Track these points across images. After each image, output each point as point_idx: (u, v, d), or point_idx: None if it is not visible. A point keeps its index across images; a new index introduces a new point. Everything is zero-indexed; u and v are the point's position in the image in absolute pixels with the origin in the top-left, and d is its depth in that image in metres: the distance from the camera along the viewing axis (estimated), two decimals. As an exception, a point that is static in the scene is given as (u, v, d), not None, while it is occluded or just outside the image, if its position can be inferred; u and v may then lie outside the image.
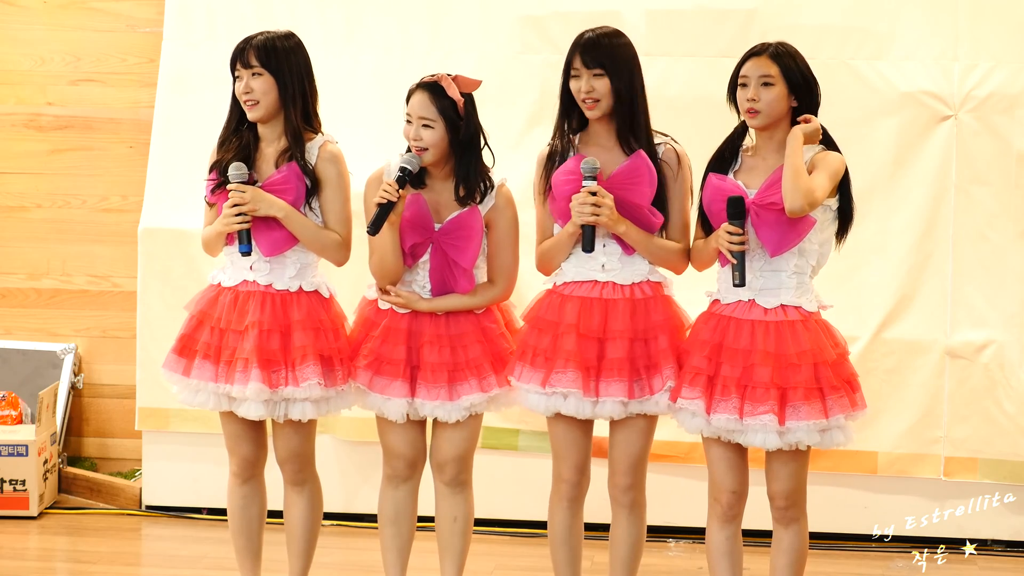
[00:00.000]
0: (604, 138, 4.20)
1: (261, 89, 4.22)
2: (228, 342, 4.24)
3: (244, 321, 4.23)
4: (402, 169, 4.16)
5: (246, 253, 4.21)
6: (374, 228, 4.14)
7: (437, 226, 4.24)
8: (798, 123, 4.06)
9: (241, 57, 4.22)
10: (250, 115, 4.24)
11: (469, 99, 4.24)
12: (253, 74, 4.21)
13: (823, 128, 4.10)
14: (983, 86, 5.46)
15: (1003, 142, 5.46)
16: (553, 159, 4.23)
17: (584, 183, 4.10)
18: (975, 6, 5.48)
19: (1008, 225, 5.47)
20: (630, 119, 4.16)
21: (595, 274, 4.20)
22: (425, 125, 4.19)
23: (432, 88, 4.20)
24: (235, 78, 4.25)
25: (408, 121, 4.22)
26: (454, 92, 4.19)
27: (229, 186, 4.19)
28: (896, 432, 5.48)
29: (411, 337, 4.26)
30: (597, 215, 4.08)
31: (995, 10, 5.48)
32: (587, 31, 4.19)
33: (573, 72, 4.16)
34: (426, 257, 4.26)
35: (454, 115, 4.19)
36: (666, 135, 4.23)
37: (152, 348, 5.68)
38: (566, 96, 4.20)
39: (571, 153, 4.20)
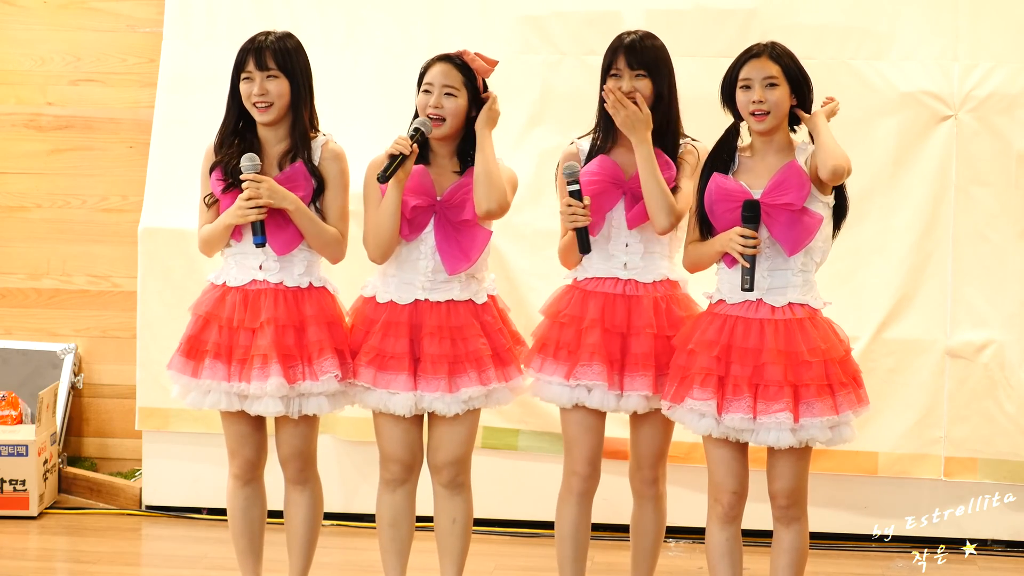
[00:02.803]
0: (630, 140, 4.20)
1: (276, 92, 4.21)
2: (239, 340, 4.23)
3: (257, 319, 4.22)
4: (416, 129, 4.18)
5: (260, 244, 4.19)
6: (384, 176, 4.14)
7: (439, 198, 4.25)
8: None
9: (257, 59, 4.19)
10: (261, 117, 4.22)
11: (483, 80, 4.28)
12: (268, 76, 4.20)
13: None
14: (983, 86, 5.46)
15: (1003, 142, 5.46)
16: (580, 158, 4.27)
17: (568, 188, 4.13)
18: (975, 6, 5.48)
19: (1008, 225, 5.47)
20: (666, 121, 4.20)
21: (617, 271, 4.24)
22: (448, 94, 4.19)
23: (454, 60, 4.22)
24: (243, 79, 4.21)
25: (427, 91, 4.21)
26: (479, 64, 4.21)
27: (243, 176, 4.17)
28: (896, 432, 5.48)
29: (412, 330, 4.26)
30: (576, 219, 4.12)
31: (995, 10, 5.48)
32: (626, 33, 4.22)
33: (614, 72, 4.18)
34: (429, 230, 4.24)
35: (475, 89, 4.22)
36: (687, 136, 4.27)
37: (152, 348, 5.68)
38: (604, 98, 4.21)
39: (600, 152, 4.23)
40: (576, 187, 4.13)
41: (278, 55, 4.20)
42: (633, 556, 4.38)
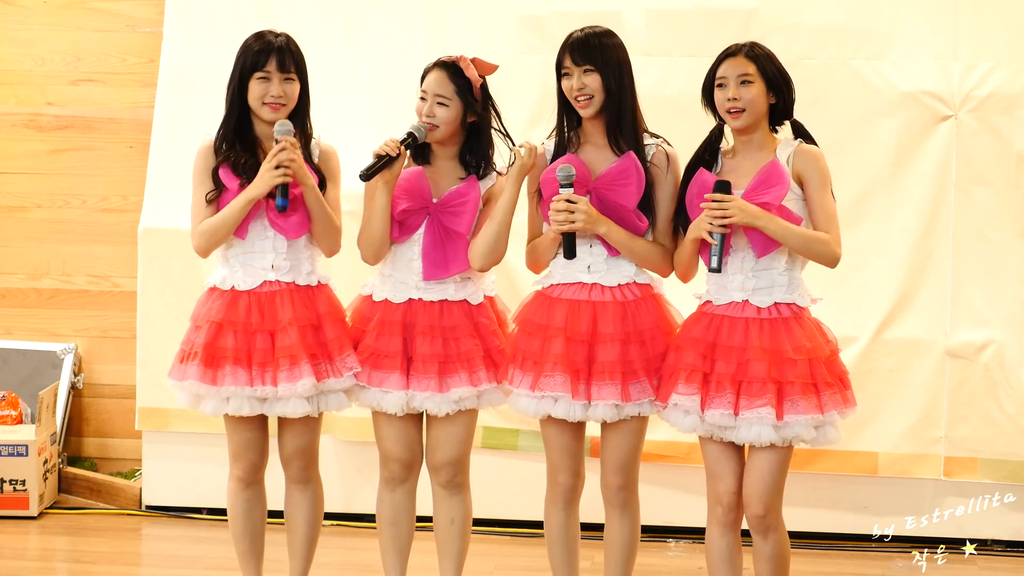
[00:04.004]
0: (596, 137, 4.20)
1: (291, 94, 4.23)
2: (257, 344, 4.22)
3: (274, 321, 4.22)
4: (409, 133, 4.19)
5: (282, 208, 4.16)
6: (366, 175, 4.15)
7: (435, 200, 4.25)
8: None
9: (280, 61, 4.20)
10: (273, 116, 4.23)
11: (484, 84, 4.26)
12: (286, 78, 4.22)
13: (797, 121, 4.10)
14: (983, 86, 5.46)
15: (1003, 142, 5.46)
16: (547, 158, 4.24)
17: (560, 190, 4.11)
18: (975, 6, 5.48)
19: (1008, 225, 5.47)
20: (618, 117, 4.15)
21: (581, 275, 4.19)
22: (440, 103, 4.21)
23: (450, 67, 4.22)
24: (259, 78, 4.21)
25: (422, 98, 4.23)
26: (472, 73, 4.22)
27: (279, 137, 4.15)
28: (896, 432, 5.48)
29: (406, 329, 4.26)
30: (572, 222, 4.08)
31: (995, 10, 5.48)
32: (576, 31, 4.19)
33: (564, 71, 4.17)
34: (420, 233, 4.25)
35: (469, 96, 4.22)
36: (657, 136, 4.23)
37: (152, 348, 5.68)
38: (561, 96, 4.21)
39: (567, 152, 4.21)
40: (570, 190, 4.12)
41: (296, 58, 4.24)
42: (605, 565, 4.31)
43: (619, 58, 4.16)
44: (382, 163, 4.15)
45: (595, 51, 4.13)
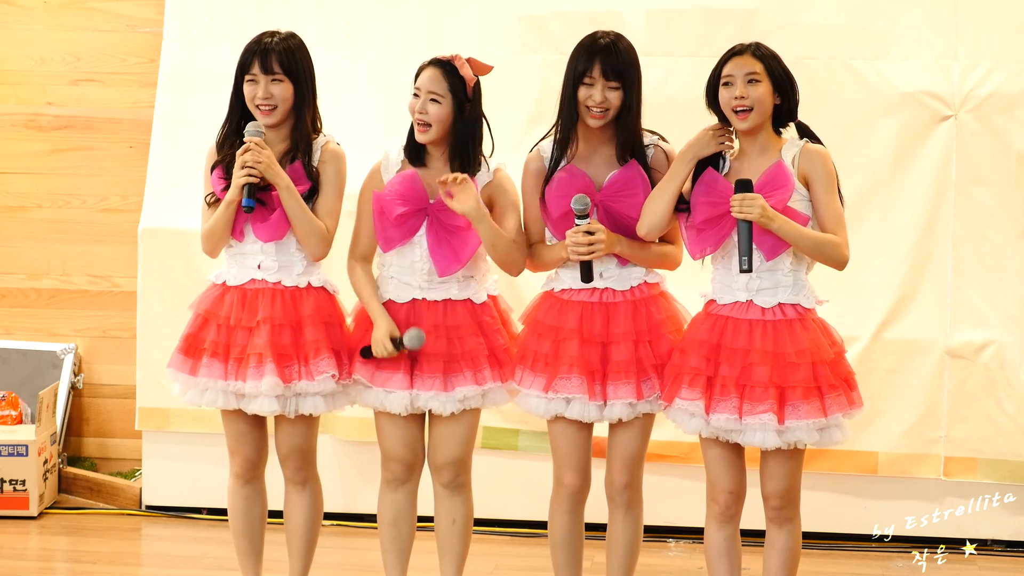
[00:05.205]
0: (598, 143, 4.19)
1: (280, 95, 4.22)
2: (236, 339, 4.24)
3: (254, 318, 4.23)
4: (394, 341, 4.20)
5: (248, 207, 4.16)
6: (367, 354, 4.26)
7: (431, 201, 4.25)
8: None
9: (262, 62, 4.20)
10: (264, 120, 4.22)
11: (476, 84, 4.26)
12: (273, 80, 4.21)
13: (802, 123, 4.10)
14: (983, 86, 5.46)
15: (1003, 142, 5.46)
16: (547, 166, 4.23)
17: (577, 221, 4.09)
18: (975, 6, 5.48)
19: (1008, 225, 5.47)
20: (627, 130, 4.15)
21: (593, 282, 4.19)
22: (433, 100, 4.20)
23: (444, 65, 4.22)
24: (247, 81, 4.22)
25: (415, 95, 4.22)
26: (466, 72, 4.21)
27: (247, 139, 4.16)
28: (896, 432, 5.48)
29: (409, 328, 4.26)
30: (592, 252, 4.08)
31: (995, 10, 5.48)
32: (599, 37, 4.16)
33: (587, 81, 4.12)
34: (423, 233, 4.24)
35: (462, 95, 4.21)
36: (654, 133, 4.23)
37: (152, 348, 5.68)
38: (566, 99, 4.17)
39: (564, 162, 4.19)
40: (587, 220, 4.11)
41: (283, 58, 4.21)
42: (607, 565, 4.32)
43: (638, 71, 4.16)
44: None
45: (626, 67, 4.12)
